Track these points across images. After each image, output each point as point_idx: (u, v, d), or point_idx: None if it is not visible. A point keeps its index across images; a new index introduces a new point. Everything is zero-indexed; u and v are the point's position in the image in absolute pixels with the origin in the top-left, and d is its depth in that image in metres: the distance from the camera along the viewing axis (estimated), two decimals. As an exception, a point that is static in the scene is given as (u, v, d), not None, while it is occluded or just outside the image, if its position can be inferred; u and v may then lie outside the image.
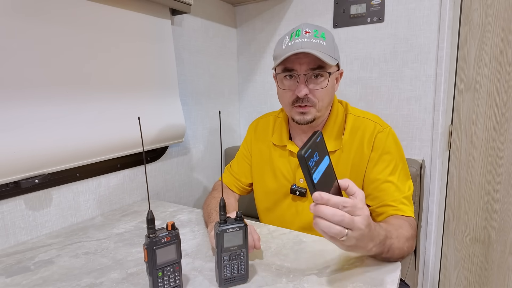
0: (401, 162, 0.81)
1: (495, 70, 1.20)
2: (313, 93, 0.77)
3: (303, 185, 0.86)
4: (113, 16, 0.95)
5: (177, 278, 0.56)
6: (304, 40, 0.75)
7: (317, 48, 0.73)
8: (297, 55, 0.75)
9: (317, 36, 0.76)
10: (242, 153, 1.01)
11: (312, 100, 0.78)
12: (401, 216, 0.75)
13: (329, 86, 0.78)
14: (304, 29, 0.77)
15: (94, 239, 0.81)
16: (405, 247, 0.66)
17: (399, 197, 0.77)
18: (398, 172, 0.79)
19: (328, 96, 0.79)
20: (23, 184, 0.79)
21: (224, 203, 0.57)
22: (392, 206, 0.76)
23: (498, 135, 1.23)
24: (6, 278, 0.64)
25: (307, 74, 0.76)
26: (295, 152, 0.86)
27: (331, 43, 0.78)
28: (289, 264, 0.66)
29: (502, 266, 1.29)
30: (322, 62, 0.74)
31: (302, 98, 0.77)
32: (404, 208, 0.75)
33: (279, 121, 0.94)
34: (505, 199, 1.25)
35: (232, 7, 1.55)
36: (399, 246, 0.63)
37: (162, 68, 1.13)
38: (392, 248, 0.61)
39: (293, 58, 0.76)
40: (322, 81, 0.77)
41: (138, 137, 1.03)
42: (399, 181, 0.78)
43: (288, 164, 0.89)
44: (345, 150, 0.83)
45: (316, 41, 0.75)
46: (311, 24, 0.79)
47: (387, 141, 0.80)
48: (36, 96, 0.79)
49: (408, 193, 0.78)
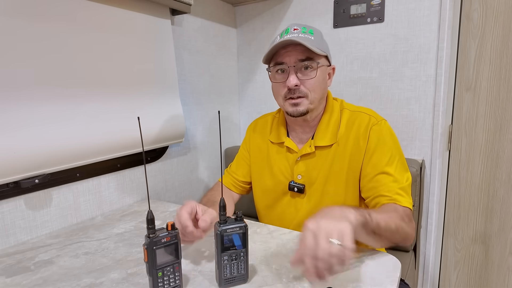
0: (397, 153, 0.81)
1: (495, 70, 1.20)
2: (304, 83, 0.79)
3: (301, 181, 0.87)
4: (113, 16, 0.95)
5: (177, 278, 0.56)
6: (293, 35, 0.78)
7: (304, 41, 0.76)
8: (285, 49, 0.79)
9: (305, 32, 0.80)
10: (241, 153, 1.02)
11: (304, 91, 0.79)
12: (393, 204, 0.74)
13: (319, 77, 0.80)
14: (293, 27, 0.81)
15: (94, 239, 0.81)
16: (399, 226, 0.67)
17: (394, 188, 0.76)
18: (395, 163, 0.79)
19: (319, 87, 0.81)
20: (23, 184, 0.79)
21: (224, 203, 0.57)
22: (386, 196, 0.76)
23: (498, 135, 1.23)
24: (6, 278, 0.64)
25: (296, 65, 0.78)
26: (293, 148, 0.88)
27: (319, 39, 0.82)
28: (289, 264, 0.66)
29: (502, 266, 1.29)
30: (310, 53, 0.78)
31: (294, 89, 0.79)
32: (399, 199, 0.75)
33: (277, 119, 0.96)
34: (505, 199, 1.25)
35: (232, 7, 1.55)
36: (389, 223, 0.65)
37: (162, 68, 1.13)
38: (380, 225, 0.63)
39: (282, 52, 0.79)
40: (311, 71, 0.79)
41: (138, 137, 1.03)
42: (396, 172, 0.78)
43: (285, 161, 0.89)
44: (341, 144, 0.84)
45: (304, 36, 0.78)
46: (300, 23, 0.83)
47: (382, 133, 0.81)
48: (36, 96, 0.79)
49: (405, 184, 0.77)
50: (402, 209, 0.73)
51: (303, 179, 0.87)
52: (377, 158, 0.80)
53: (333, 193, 0.84)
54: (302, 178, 0.87)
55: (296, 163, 0.87)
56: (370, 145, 0.81)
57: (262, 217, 0.97)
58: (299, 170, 0.87)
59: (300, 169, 0.87)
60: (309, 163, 0.86)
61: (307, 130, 0.88)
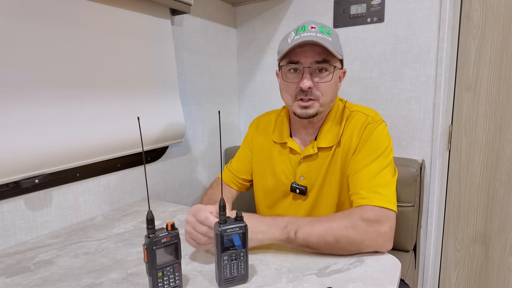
0: (384, 153, 0.76)
1: (495, 70, 1.20)
2: (317, 86, 0.77)
3: (303, 182, 0.86)
4: (113, 16, 0.95)
5: (177, 278, 0.56)
6: (310, 34, 0.75)
7: (323, 42, 0.73)
8: (302, 48, 0.75)
9: (322, 32, 0.76)
10: (242, 151, 1.01)
11: (316, 93, 0.77)
12: (357, 208, 0.70)
13: (333, 81, 0.78)
14: (310, 24, 0.77)
15: (94, 239, 0.81)
16: (340, 238, 0.65)
17: (370, 185, 0.72)
18: (379, 161, 0.75)
19: (332, 91, 0.79)
20: (23, 184, 0.79)
21: (224, 203, 0.57)
22: (358, 195, 0.72)
23: (498, 135, 1.23)
24: (6, 278, 0.64)
25: (312, 66, 0.76)
26: (295, 149, 0.86)
27: (336, 40, 0.78)
28: (289, 264, 0.66)
29: (502, 266, 1.29)
30: (327, 55, 0.75)
31: (306, 91, 0.76)
32: (373, 197, 0.70)
33: (281, 118, 0.94)
34: (505, 199, 1.25)
35: (232, 7, 1.55)
36: (326, 237, 0.65)
37: (162, 68, 1.13)
38: (310, 240, 0.66)
39: (298, 51, 0.76)
40: (327, 75, 0.77)
41: (138, 137, 1.03)
42: (378, 170, 0.74)
43: (288, 162, 0.88)
44: (339, 145, 0.82)
45: (322, 36, 0.75)
46: (317, 22, 0.79)
47: (375, 132, 0.78)
48: (36, 96, 0.79)
49: (387, 182, 0.73)
50: (365, 211, 0.68)
51: (305, 181, 0.86)
52: (362, 155, 0.77)
53: (327, 194, 0.84)
54: (305, 179, 0.86)
55: (299, 164, 0.86)
56: (360, 143, 0.79)
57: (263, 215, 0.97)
58: (302, 172, 0.86)
59: (302, 170, 0.86)
60: (311, 164, 0.85)
61: (311, 132, 0.86)
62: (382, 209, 0.69)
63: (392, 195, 0.72)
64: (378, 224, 0.67)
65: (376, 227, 0.67)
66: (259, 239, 0.66)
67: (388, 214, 0.69)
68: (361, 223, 0.66)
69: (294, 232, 0.66)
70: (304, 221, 0.68)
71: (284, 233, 0.66)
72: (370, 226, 0.67)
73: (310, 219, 0.69)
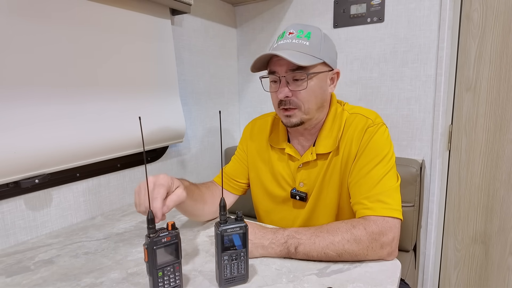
0: (385, 158, 0.74)
1: (495, 70, 1.20)
2: (296, 95, 0.75)
3: (303, 189, 0.84)
4: (113, 16, 0.95)
5: (177, 278, 0.56)
6: (286, 41, 0.74)
7: (296, 49, 0.72)
8: (277, 57, 0.73)
9: (300, 37, 0.74)
10: (238, 155, 0.98)
11: (295, 102, 0.75)
12: (360, 219, 0.69)
13: (313, 87, 0.75)
14: (289, 30, 0.76)
15: (94, 239, 0.81)
16: (342, 252, 0.65)
17: (373, 194, 0.71)
18: (381, 168, 0.73)
19: (314, 97, 0.76)
20: (23, 184, 0.79)
21: (224, 203, 0.57)
22: (362, 204, 0.71)
23: (498, 135, 1.23)
24: (6, 278, 0.64)
25: (287, 75, 0.74)
26: (294, 155, 0.84)
27: (317, 43, 0.75)
28: (289, 264, 0.66)
29: (502, 266, 1.29)
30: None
31: (285, 100, 0.75)
32: (376, 207, 0.69)
33: (277, 121, 0.92)
34: (505, 199, 1.25)
35: (232, 7, 1.55)
36: (327, 251, 0.65)
37: (162, 68, 1.13)
38: (311, 254, 0.65)
39: (274, 60, 0.75)
40: (302, 83, 0.74)
41: (138, 137, 1.03)
42: (380, 177, 0.72)
43: (288, 168, 0.86)
44: (340, 150, 0.80)
45: (298, 42, 0.74)
46: (299, 24, 0.78)
47: (375, 136, 0.75)
48: (36, 96, 0.79)
49: (389, 189, 0.71)
50: (368, 222, 0.67)
51: (305, 187, 0.84)
52: (363, 162, 0.75)
53: (326, 200, 0.82)
54: (305, 186, 0.84)
55: (298, 170, 0.84)
56: (360, 147, 0.76)
57: (262, 219, 0.96)
58: (301, 178, 0.84)
59: (302, 176, 0.84)
60: (311, 171, 0.83)
61: (309, 138, 0.84)
62: (386, 218, 0.68)
63: (395, 202, 0.70)
64: (382, 236, 0.66)
65: (380, 239, 0.66)
66: (260, 253, 0.68)
67: (392, 223, 0.68)
68: (364, 237, 0.65)
69: (294, 248, 0.66)
70: (305, 235, 0.67)
71: (284, 249, 0.67)
72: (373, 240, 0.65)
73: (311, 231, 0.68)
